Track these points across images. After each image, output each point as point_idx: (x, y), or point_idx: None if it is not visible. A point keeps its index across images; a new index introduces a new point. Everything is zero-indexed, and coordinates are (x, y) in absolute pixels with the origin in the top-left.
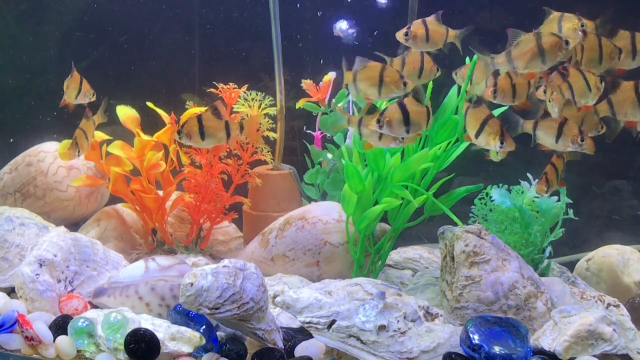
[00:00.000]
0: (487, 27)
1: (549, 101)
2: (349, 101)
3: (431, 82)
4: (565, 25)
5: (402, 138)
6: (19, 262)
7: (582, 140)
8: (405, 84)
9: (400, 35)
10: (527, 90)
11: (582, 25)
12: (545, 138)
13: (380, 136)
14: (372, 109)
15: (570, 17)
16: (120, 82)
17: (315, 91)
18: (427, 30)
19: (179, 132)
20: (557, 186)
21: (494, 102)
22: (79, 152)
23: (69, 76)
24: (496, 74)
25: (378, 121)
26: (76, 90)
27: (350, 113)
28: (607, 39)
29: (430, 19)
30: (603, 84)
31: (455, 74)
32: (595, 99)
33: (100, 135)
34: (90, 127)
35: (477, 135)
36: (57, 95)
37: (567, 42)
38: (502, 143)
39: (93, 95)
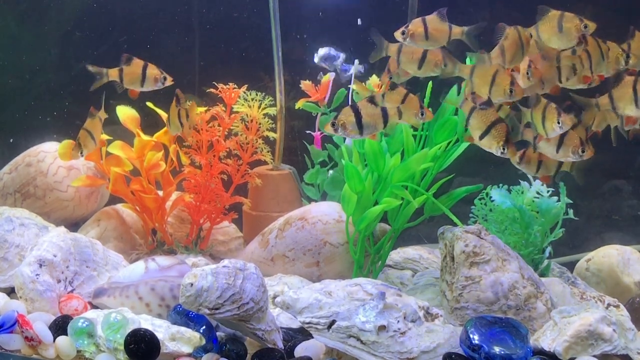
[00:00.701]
0: (488, 26)
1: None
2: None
3: (431, 82)
4: (565, 25)
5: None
6: (18, 263)
7: (583, 152)
8: (445, 65)
9: (398, 34)
10: (556, 77)
11: (585, 27)
12: (546, 147)
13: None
14: (393, 86)
15: (571, 17)
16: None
17: (315, 91)
18: (426, 28)
19: (333, 124)
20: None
21: (526, 87)
22: (82, 152)
23: (126, 64)
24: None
25: (333, 124)
26: (139, 79)
27: None
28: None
29: (431, 17)
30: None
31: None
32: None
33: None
34: (96, 126)
35: (481, 137)
36: (58, 95)
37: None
38: (504, 149)
39: (165, 79)
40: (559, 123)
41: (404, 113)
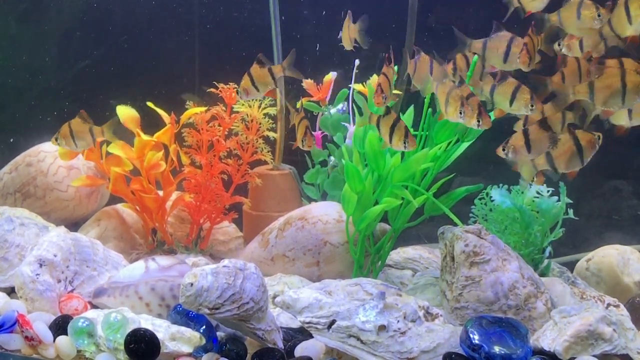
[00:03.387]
0: (486, 24)
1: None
2: (348, 101)
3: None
4: (584, 13)
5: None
6: (19, 262)
7: (532, 106)
8: (531, 60)
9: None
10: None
11: (599, 15)
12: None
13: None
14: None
15: (589, 4)
16: (121, 82)
17: (316, 91)
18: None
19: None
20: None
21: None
22: (57, 139)
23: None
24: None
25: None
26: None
27: (350, 113)
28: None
29: None
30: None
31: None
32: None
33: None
34: (82, 129)
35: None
36: (58, 95)
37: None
38: (532, 106)
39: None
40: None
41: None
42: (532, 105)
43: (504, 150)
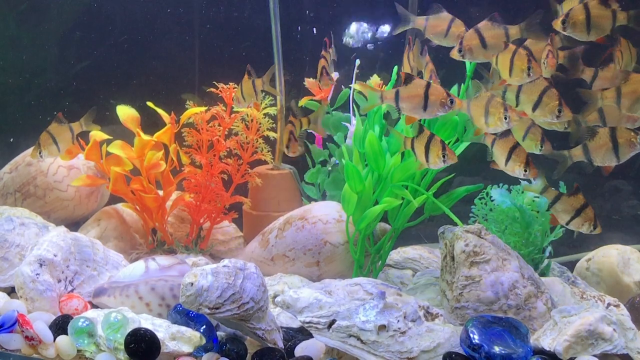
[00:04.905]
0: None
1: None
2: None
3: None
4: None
5: (450, 104)
6: (19, 262)
7: (560, 112)
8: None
9: (454, 53)
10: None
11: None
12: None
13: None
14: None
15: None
16: (121, 82)
17: (318, 90)
18: (482, 38)
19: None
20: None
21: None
22: (41, 153)
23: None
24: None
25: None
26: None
27: (350, 112)
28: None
29: (484, 24)
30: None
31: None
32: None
33: (100, 135)
34: (62, 132)
35: (505, 163)
36: (58, 95)
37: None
38: (525, 171)
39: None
40: (529, 69)
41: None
42: (559, 112)
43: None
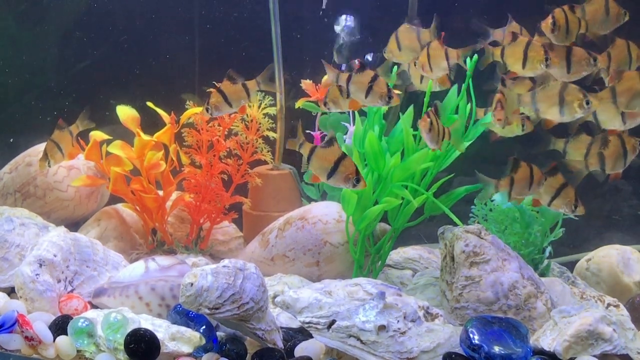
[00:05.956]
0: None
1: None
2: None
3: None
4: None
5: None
6: (19, 262)
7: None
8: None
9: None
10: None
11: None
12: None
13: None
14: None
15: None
16: (121, 82)
17: (315, 91)
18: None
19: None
20: None
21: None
22: (49, 163)
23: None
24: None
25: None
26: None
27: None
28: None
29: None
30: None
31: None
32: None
33: (100, 135)
34: (65, 137)
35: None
36: (58, 95)
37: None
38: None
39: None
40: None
41: None
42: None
43: None
